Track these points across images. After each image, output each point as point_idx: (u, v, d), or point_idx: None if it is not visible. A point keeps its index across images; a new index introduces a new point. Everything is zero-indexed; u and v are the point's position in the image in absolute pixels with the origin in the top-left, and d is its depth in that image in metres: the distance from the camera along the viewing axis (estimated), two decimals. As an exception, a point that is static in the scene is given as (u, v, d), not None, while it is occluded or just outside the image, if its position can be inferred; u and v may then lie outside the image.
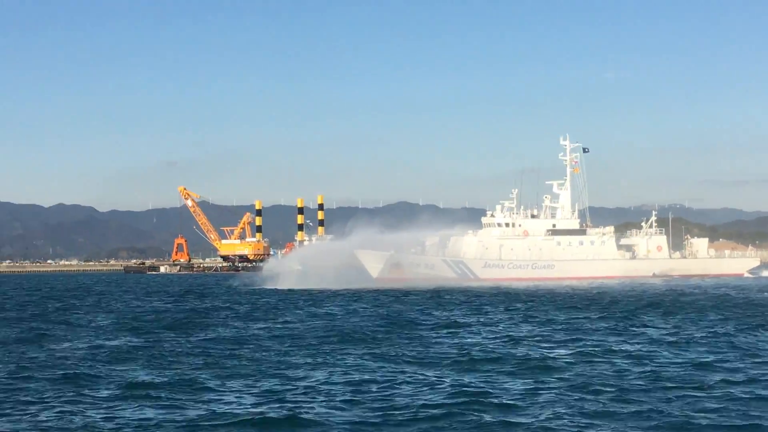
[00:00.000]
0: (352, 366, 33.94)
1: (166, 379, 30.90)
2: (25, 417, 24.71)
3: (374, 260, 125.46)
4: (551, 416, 24.07)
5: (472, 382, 29.77)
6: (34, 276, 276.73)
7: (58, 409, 25.70)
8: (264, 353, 38.32)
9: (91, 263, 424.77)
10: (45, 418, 24.53)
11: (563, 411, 24.71)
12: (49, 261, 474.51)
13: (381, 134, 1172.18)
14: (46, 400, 27.29)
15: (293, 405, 25.77)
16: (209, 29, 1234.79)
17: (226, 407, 25.71)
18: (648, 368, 32.62)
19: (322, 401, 26.50)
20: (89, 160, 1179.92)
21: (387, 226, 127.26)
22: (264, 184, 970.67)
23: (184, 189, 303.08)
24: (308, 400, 26.76)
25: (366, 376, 31.21)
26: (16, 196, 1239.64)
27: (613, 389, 28.02)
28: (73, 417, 24.58)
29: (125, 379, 31.13)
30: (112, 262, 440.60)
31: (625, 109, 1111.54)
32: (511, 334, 45.82)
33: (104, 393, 28.40)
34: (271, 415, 24.35)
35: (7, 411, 25.58)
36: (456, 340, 42.92)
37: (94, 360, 36.86)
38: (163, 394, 27.91)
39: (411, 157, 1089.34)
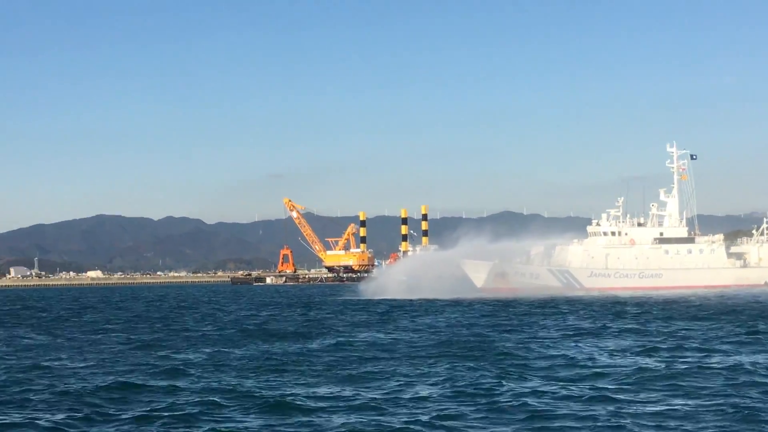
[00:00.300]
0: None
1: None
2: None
3: (479, 270, 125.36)
4: None
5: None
6: (144, 287, 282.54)
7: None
8: (376, 364, 38.72)
9: (199, 275, 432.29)
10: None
11: None
12: (158, 273, 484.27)
13: (485, 144, 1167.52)
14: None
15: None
16: (313, 42, 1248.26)
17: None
18: None
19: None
20: (197, 174, 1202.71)
21: (492, 236, 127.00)
22: (368, 195, 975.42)
23: (289, 201, 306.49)
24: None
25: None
26: (126, 209, 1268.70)
27: None
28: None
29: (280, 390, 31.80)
30: (220, 273, 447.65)
31: (734, 115, 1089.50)
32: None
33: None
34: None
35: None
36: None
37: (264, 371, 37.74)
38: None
39: (515, 166, 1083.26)
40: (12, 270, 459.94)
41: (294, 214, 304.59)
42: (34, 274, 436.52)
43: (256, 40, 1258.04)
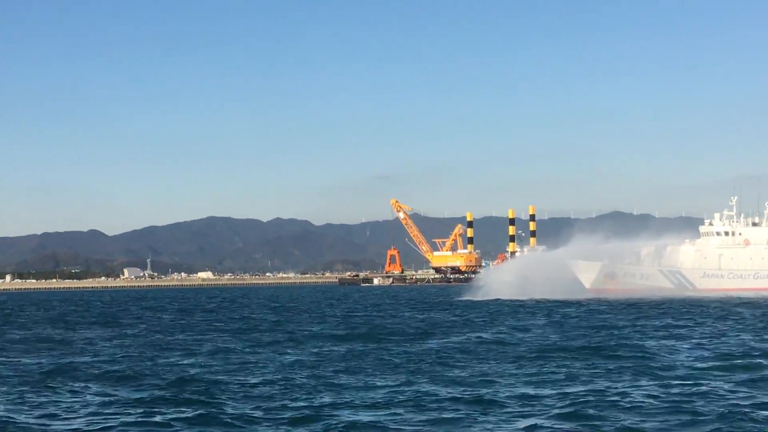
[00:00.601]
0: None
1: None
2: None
3: (587, 270, 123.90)
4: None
5: None
6: (253, 288, 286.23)
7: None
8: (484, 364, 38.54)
9: (307, 275, 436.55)
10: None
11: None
12: (267, 273, 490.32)
13: (594, 143, 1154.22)
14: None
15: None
16: (421, 42, 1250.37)
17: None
18: None
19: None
20: (305, 175, 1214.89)
21: (601, 237, 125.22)
22: (475, 196, 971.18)
23: (396, 202, 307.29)
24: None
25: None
26: (236, 211, 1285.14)
27: None
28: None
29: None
30: (327, 274, 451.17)
31: None
32: None
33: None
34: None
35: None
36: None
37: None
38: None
39: (624, 165, 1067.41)
40: (126, 271, 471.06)
41: (401, 215, 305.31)
42: (147, 275, 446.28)
43: (364, 40, 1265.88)
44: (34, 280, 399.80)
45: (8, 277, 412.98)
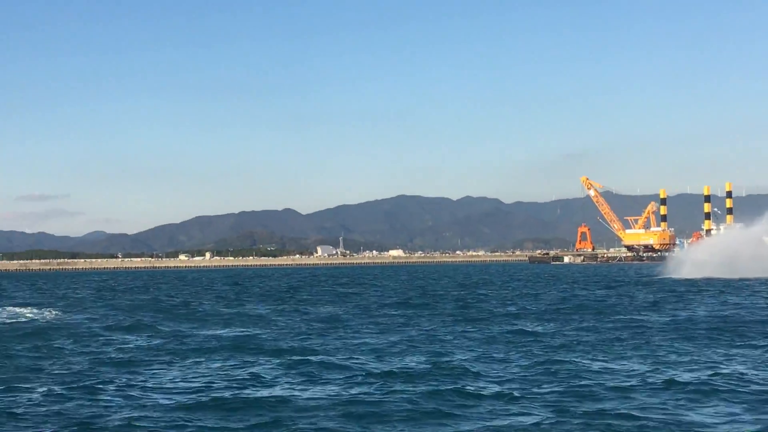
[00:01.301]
0: None
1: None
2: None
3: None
4: None
5: None
6: (443, 266, 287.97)
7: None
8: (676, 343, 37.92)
9: (497, 254, 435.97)
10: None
11: None
12: (457, 252, 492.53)
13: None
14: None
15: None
16: (629, 16, 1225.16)
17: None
18: None
19: None
20: (495, 154, 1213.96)
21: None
22: (669, 172, 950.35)
23: (587, 179, 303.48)
24: None
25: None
26: (426, 189, 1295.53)
27: None
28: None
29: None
30: (518, 252, 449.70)
31: None
32: None
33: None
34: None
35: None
36: None
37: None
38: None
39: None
40: (319, 249, 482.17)
41: (592, 193, 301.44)
42: (339, 252, 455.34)
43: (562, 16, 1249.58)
44: (231, 258, 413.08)
45: (207, 255, 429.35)
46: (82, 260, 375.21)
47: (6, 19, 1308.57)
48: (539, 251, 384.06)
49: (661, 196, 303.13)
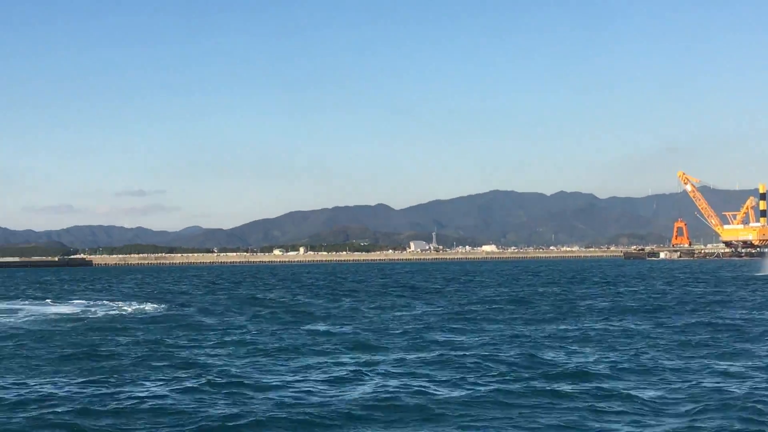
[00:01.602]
0: None
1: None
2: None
3: None
4: None
5: None
6: (536, 261, 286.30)
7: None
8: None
9: (591, 249, 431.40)
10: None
11: None
12: (551, 247, 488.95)
13: None
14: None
15: None
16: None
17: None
18: None
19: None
20: (589, 148, 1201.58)
21: None
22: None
23: (683, 174, 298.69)
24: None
25: None
26: (519, 184, 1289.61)
27: None
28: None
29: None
30: (613, 248, 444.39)
31: None
32: None
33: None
34: None
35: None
36: None
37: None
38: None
39: None
40: (412, 244, 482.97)
41: (688, 188, 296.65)
42: (432, 248, 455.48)
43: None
44: (325, 253, 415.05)
45: (302, 249, 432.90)
46: (179, 255, 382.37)
47: (100, 17, 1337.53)
48: (634, 247, 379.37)
49: (761, 191, 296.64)
